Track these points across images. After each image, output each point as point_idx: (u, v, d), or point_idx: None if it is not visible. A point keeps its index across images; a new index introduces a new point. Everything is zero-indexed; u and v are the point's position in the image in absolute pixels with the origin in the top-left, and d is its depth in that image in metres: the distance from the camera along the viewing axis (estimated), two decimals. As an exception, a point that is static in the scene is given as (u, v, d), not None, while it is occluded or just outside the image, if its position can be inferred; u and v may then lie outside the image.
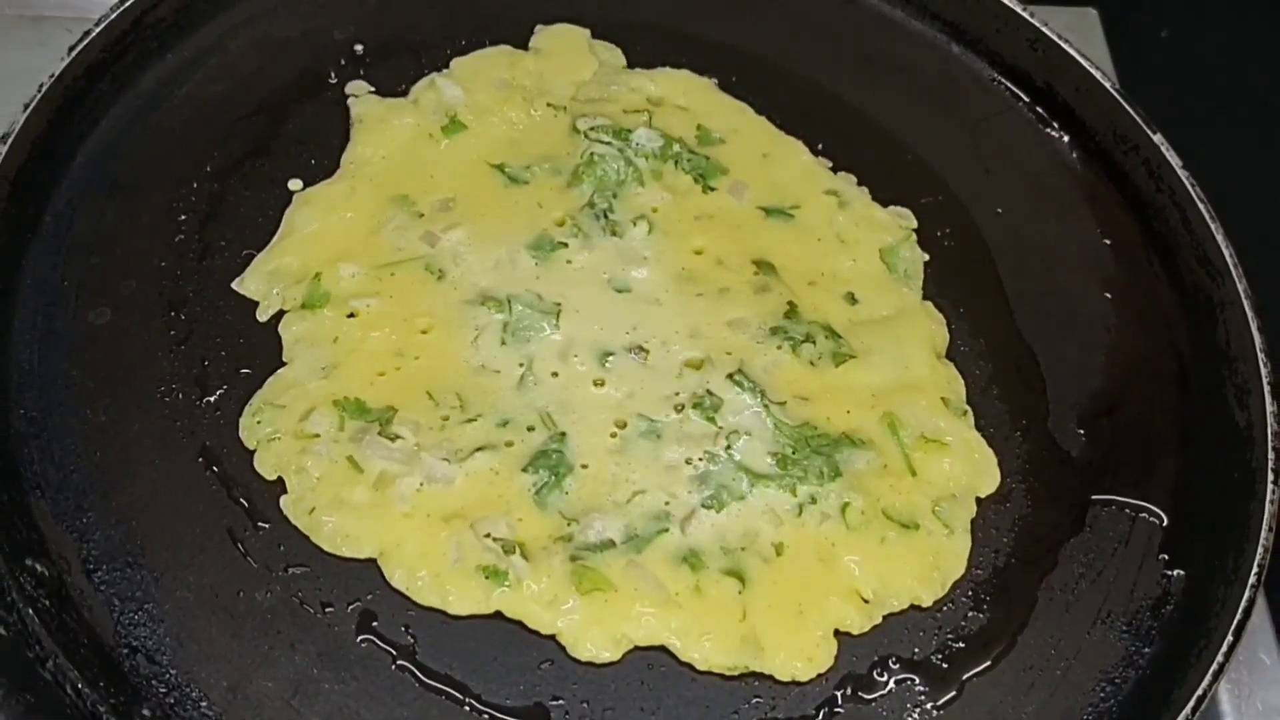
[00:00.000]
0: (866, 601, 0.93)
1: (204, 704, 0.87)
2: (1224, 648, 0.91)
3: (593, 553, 0.92)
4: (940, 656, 0.93)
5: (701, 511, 0.95)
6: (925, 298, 1.10)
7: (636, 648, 0.90)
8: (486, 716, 0.88)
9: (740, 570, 0.93)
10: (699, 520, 0.95)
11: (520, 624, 0.90)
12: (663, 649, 0.91)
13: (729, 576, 0.93)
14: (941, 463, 0.99)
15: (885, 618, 0.94)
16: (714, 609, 0.91)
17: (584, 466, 0.96)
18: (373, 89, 1.15)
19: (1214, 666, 0.90)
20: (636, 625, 0.90)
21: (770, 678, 0.91)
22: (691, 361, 1.02)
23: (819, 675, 0.91)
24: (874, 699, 0.91)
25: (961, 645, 0.94)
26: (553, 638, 0.90)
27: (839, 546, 0.95)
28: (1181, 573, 0.99)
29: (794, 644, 0.91)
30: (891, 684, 0.92)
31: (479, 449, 0.96)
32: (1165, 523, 1.01)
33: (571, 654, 0.90)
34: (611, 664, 0.90)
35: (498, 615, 0.91)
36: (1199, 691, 0.89)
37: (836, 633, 0.93)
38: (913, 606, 0.95)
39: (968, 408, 1.03)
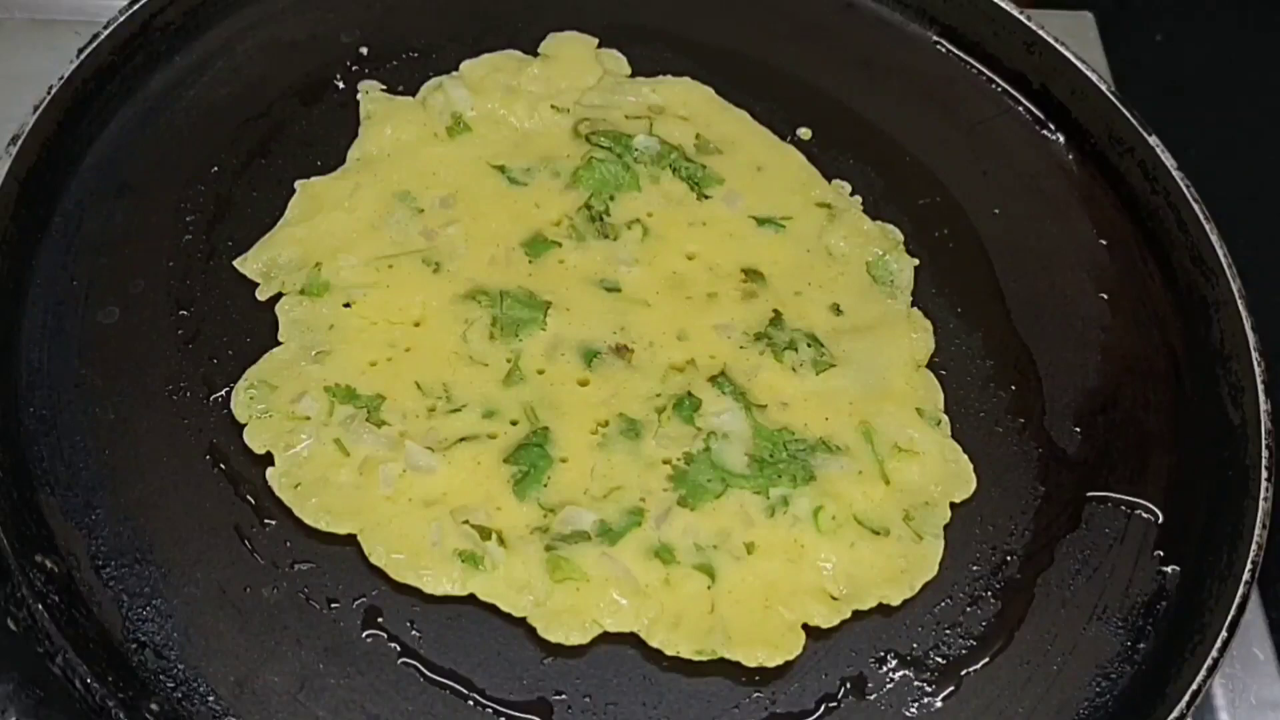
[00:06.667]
0: (835, 599, 0.95)
1: (211, 699, 0.88)
2: (1218, 643, 0.92)
3: (567, 543, 0.94)
4: (938, 652, 0.94)
5: (676, 509, 0.96)
6: (923, 298, 1.11)
7: (607, 634, 0.92)
8: (490, 711, 0.89)
9: (710, 567, 0.95)
10: (673, 517, 0.96)
11: (494, 607, 0.92)
12: (641, 641, 0.92)
13: (699, 572, 0.94)
14: (913, 471, 1.01)
15: (887, 615, 0.95)
16: (683, 600, 0.93)
17: (564, 461, 0.98)
18: (383, 88, 1.17)
19: (1208, 662, 0.91)
20: (607, 613, 0.92)
21: (771, 673, 0.92)
22: (676, 364, 1.04)
23: (788, 662, 0.92)
24: (873, 694, 0.92)
25: (959, 641, 0.95)
26: (524, 620, 0.92)
27: (808, 548, 0.96)
28: (1176, 569, 1.00)
29: (761, 633, 0.93)
30: (890, 679, 0.93)
31: (463, 439, 0.98)
32: (1160, 519, 1.02)
33: (543, 636, 0.91)
34: (613, 659, 0.91)
35: (472, 598, 0.92)
36: (1194, 686, 0.90)
37: (837, 631, 0.94)
38: (909, 603, 0.96)
39: (943, 416, 1.04)
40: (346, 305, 1.04)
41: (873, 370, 1.05)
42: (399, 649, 0.91)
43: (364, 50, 1.19)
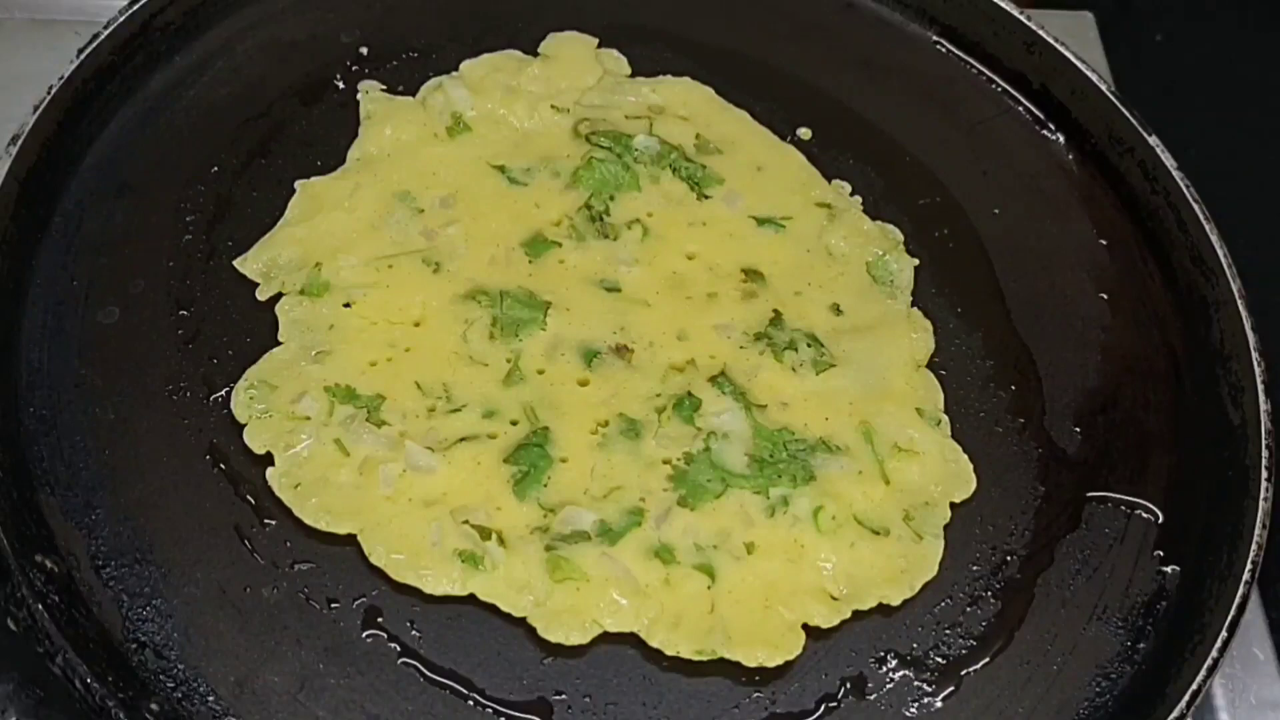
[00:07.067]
0: (835, 599, 0.95)
1: (211, 699, 0.88)
2: (1218, 643, 0.92)
3: (567, 543, 0.94)
4: (938, 652, 0.94)
5: (676, 509, 0.96)
6: (923, 298, 1.11)
7: (607, 634, 0.92)
8: (490, 711, 0.89)
9: (710, 567, 0.95)
10: (673, 517, 0.96)
11: (494, 607, 0.92)
12: (641, 641, 0.92)
13: (699, 572, 0.94)
14: (913, 471, 1.01)
15: (887, 615, 0.95)
16: (683, 600, 0.93)
17: (564, 461, 0.98)
18: (383, 88, 1.17)
19: (1208, 662, 0.91)
20: (607, 613, 0.92)
21: (771, 673, 0.92)
22: (676, 364, 1.04)
23: (788, 662, 0.92)
24: (873, 694, 0.92)
25: (959, 641, 0.95)
26: (524, 620, 0.92)
27: (808, 548, 0.96)
28: (1176, 569, 1.00)
29: (761, 633, 0.93)
30: (890, 680, 0.93)
31: (462, 439, 0.98)
32: (1160, 519, 1.02)
33: (543, 636, 0.91)
34: (613, 659, 0.91)
35: (472, 598, 0.92)
36: (1194, 686, 0.90)
37: (837, 631, 0.94)
38: (909, 604, 0.96)
39: (943, 416, 1.04)
40: (346, 305, 1.04)
41: (873, 370, 1.05)
42: (399, 649, 0.91)
43: (364, 50, 1.19)
